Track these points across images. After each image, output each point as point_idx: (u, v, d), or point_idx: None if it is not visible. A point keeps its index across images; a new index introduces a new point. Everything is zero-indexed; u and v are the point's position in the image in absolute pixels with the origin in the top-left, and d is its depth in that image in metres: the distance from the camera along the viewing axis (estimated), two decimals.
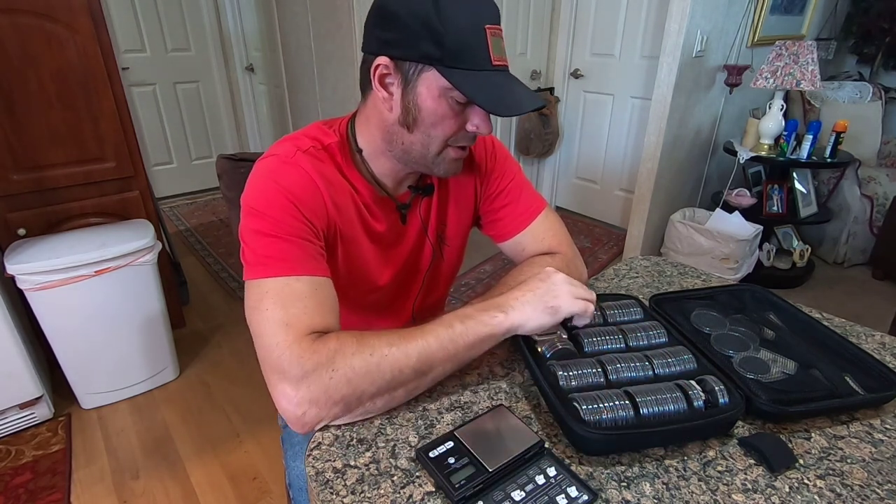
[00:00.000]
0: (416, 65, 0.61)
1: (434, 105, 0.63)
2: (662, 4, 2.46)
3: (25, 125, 1.56)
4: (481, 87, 0.60)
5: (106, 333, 1.61)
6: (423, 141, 0.66)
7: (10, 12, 1.47)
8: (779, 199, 2.46)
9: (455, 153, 0.69)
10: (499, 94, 0.61)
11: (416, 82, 0.62)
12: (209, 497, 1.40)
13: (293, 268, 0.61)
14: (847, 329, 0.79)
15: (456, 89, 0.60)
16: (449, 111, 0.64)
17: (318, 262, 0.64)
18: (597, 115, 3.04)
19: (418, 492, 0.51)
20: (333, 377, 0.55)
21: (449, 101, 0.63)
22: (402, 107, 0.65)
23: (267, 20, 3.16)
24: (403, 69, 0.62)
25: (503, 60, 0.62)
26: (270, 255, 0.61)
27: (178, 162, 3.61)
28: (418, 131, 0.66)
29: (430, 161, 0.69)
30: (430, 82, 0.62)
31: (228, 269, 2.64)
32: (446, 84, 0.60)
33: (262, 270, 0.61)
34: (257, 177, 0.66)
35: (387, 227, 0.77)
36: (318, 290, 0.62)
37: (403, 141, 0.67)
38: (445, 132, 0.65)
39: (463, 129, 0.66)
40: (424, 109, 0.64)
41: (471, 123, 0.66)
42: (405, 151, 0.68)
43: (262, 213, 0.63)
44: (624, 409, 0.55)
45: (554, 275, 0.66)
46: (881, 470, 0.54)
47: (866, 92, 2.74)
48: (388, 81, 0.64)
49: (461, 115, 0.65)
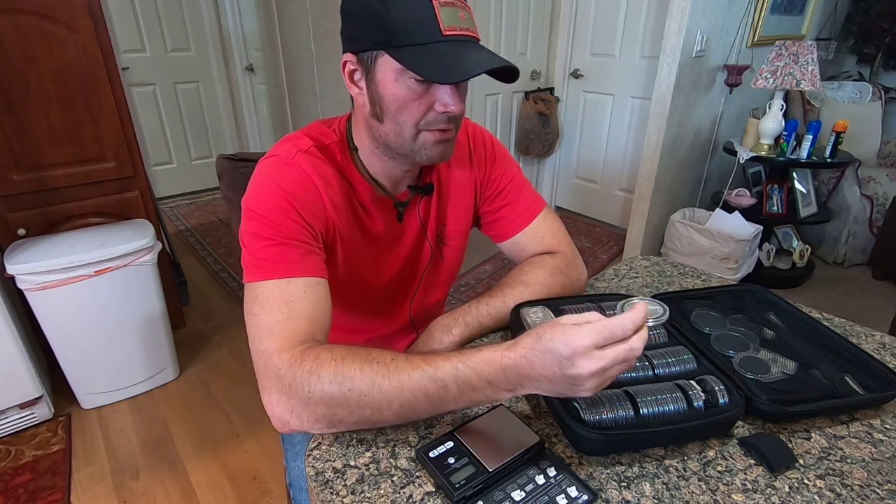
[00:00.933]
0: (371, 53, 0.61)
1: (394, 89, 0.62)
2: (662, 4, 2.46)
3: (25, 125, 1.56)
4: (426, 57, 0.58)
5: (106, 333, 1.61)
6: (395, 129, 0.65)
7: (10, 12, 1.47)
8: (779, 199, 2.46)
9: (434, 136, 0.65)
10: (447, 62, 0.58)
11: (374, 71, 0.62)
12: (209, 497, 1.40)
13: (287, 270, 0.61)
14: (847, 329, 0.79)
15: (401, 64, 0.59)
16: (410, 93, 0.61)
17: (313, 263, 0.64)
18: (597, 115, 3.04)
19: (418, 492, 0.51)
20: (311, 398, 0.53)
21: (407, 83, 0.61)
22: (369, 98, 0.65)
23: (267, 20, 3.16)
24: (364, 61, 0.63)
25: (460, 30, 0.59)
26: (267, 258, 0.62)
27: (178, 162, 3.61)
28: (388, 120, 0.64)
29: (410, 149, 0.66)
30: (386, 67, 0.61)
31: (228, 269, 2.64)
32: (398, 65, 0.59)
33: (257, 274, 0.61)
34: (259, 179, 0.66)
35: (385, 228, 0.76)
36: (309, 292, 0.61)
37: (380, 133, 0.67)
38: (413, 116, 0.63)
39: (431, 110, 0.63)
40: (386, 96, 0.63)
41: (438, 103, 0.63)
42: (385, 144, 0.68)
43: (260, 217, 0.63)
44: (624, 409, 0.55)
45: (581, 364, 0.46)
46: (881, 470, 0.54)
47: (866, 92, 2.74)
48: (356, 77, 0.65)
49: (425, 95, 0.62)
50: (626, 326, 0.46)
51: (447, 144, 0.67)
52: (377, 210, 0.75)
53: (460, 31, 0.59)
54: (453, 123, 0.66)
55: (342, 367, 0.53)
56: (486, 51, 0.61)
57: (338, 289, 0.72)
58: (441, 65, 0.57)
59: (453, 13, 0.58)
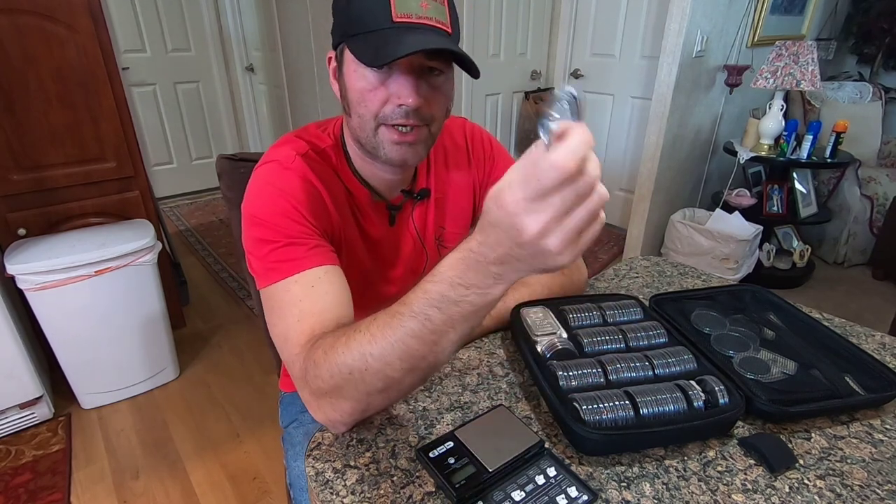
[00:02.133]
0: (340, 47, 0.62)
1: (354, 80, 0.61)
2: (662, 4, 2.46)
3: (25, 125, 1.56)
4: (368, 43, 0.56)
5: (106, 333, 1.61)
6: (359, 123, 0.63)
7: (10, 12, 1.47)
8: (779, 200, 2.46)
9: (390, 134, 0.62)
10: (382, 46, 0.55)
11: (343, 65, 0.63)
12: (209, 497, 1.40)
13: (295, 265, 0.60)
14: (847, 329, 0.79)
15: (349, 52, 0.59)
16: (366, 84, 0.60)
17: (321, 254, 0.62)
18: (597, 115, 3.04)
19: (418, 492, 0.51)
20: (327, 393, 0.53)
21: (364, 74, 0.60)
22: (341, 93, 0.65)
23: (267, 20, 3.16)
24: (338, 57, 0.64)
25: (418, 18, 0.56)
26: (276, 259, 0.61)
27: (178, 162, 3.61)
28: (353, 113, 0.63)
29: (372, 145, 0.64)
30: (349, 59, 0.61)
31: (228, 269, 2.64)
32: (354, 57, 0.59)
33: (268, 277, 0.61)
34: (258, 184, 0.65)
35: (383, 233, 0.76)
36: (318, 286, 0.60)
37: (352, 129, 0.66)
38: (370, 108, 0.61)
39: (388, 103, 0.61)
40: (350, 88, 0.62)
41: (394, 95, 0.60)
42: (356, 141, 0.67)
43: (263, 221, 0.62)
44: (624, 410, 0.55)
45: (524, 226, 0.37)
46: (881, 470, 0.54)
47: (866, 92, 2.74)
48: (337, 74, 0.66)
49: (381, 87, 0.60)
50: (558, 160, 0.34)
51: (407, 147, 0.63)
52: (374, 214, 0.74)
53: (417, 19, 0.56)
54: (414, 120, 0.61)
55: (331, 356, 0.52)
56: (432, 34, 0.57)
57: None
58: (377, 49, 0.55)
59: (409, 2, 0.56)
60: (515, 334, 0.70)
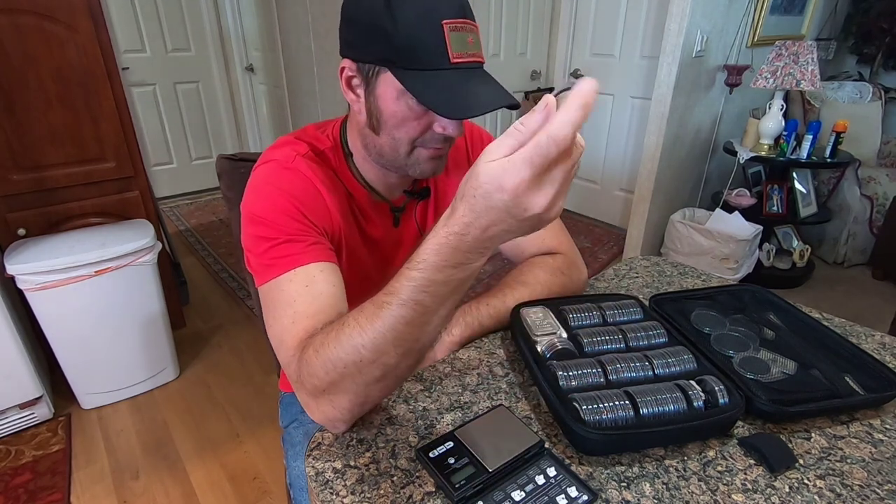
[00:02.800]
0: (374, 66, 0.59)
1: (394, 107, 0.61)
2: (662, 4, 2.46)
3: (25, 125, 1.56)
4: (435, 88, 0.56)
5: (106, 333, 1.61)
6: (391, 144, 0.64)
7: (10, 12, 1.47)
8: (779, 199, 2.46)
9: (428, 153, 0.65)
10: (454, 95, 0.56)
11: (375, 84, 0.61)
12: (209, 497, 1.40)
13: (292, 261, 0.61)
14: (847, 329, 0.79)
15: (408, 91, 0.57)
16: (409, 113, 0.61)
17: (318, 251, 0.63)
18: (597, 115, 3.04)
19: (418, 492, 0.51)
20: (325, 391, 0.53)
21: (408, 103, 0.60)
22: (366, 109, 0.64)
23: (267, 20, 3.16)
24: (364, 71, 0.61)
25: (468, 56, 0.58)
26: (273, 256, 0.62)
27: (178, 162, 3.61)
28: (384, 133, 0.64)
29: (403, 163, 0.66)
30: (388, 84, 0.59)
31: (228, 269, 2.64)
32: (401, 86, 0.58)
33: (265, 273, 0.62)
34: (257, 183, 0.65)
35: (383, 233, 0.76)
36: (312, 285, 0.60)
37: (375, 144, 0.66)
38: (410, 134, 0.63)
39: (430, 129, 0.63)
40: (385, 112, 0.62)
41: (437, 125, 0.62)
42: (379, 154, 0.67)
43: (261, 219, 0.63)
44: (624, 410, 0.55)
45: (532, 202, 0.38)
46: (881, 470, 0.54)
47: (866, 92, 2.74)
48: (354, 84, 0.63)
49: (424, 115, 0.61)
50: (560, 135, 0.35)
51: (440, 161, 0.67)
52: (375, 215, 0.75)
53: (467, 58, 0.58)
54: (448, 142, 0.65)
55: (323, 353, 0.52)
56: (492, 83, 0.60)
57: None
58: (448, 98, 0.56)
59: (462, 39, 0.57)
60: (515, 334, 0.70)
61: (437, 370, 0.69)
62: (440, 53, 0.56)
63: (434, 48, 0.56)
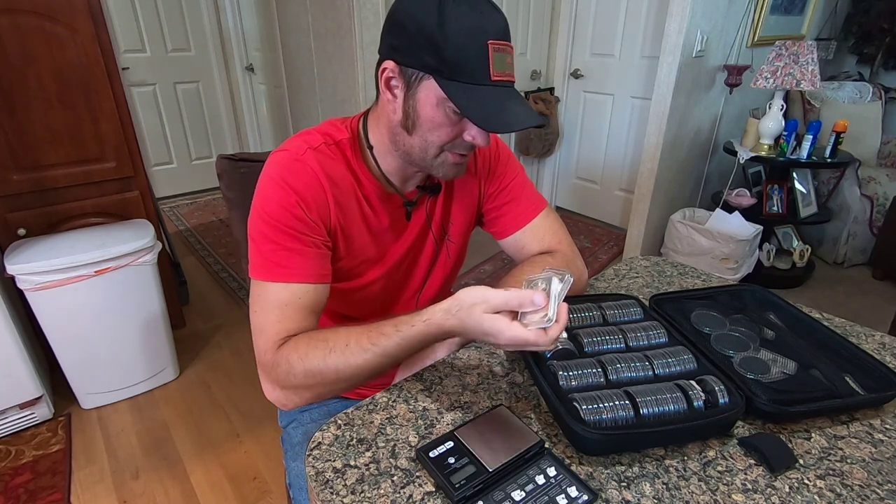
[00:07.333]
0: (418, 72, 0.63)
1: (432, 112, 0.65)
2: (662, 4, 2.46)
3: (25, 125, 1.56)
4: (476, 101, 0.61)
5: (106, 333, 1.61)
6: (422, 145, 0.68)
7: (10, 12, 1.47)
8: (779, 199, 2.46)
9: (454, 158, 0.70)
10: (492, 110, 0.61)
11: (416, 88, 0.64)
12: (209, 497, 1.40)
13: (289, 275, 0.67)
14: (847, 329, 0.79)
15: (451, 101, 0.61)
16: (446, 119, 0.65)
17: (315, 267, 0.69)
18: (597, 115, 3.04)
19: (418, 492, 0.51)
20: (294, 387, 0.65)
21: (446, 111, 0.64)
22: (403, 110, 0.67)
23: (267, 20, 3.15)
24: (407, 74, 0.64)
25: (506, 76, 0.63)
26: (274, 260, 0.67)
27: (178, 162, 3.61)
28: (417, 135, 0.68)
29: (429, 164, 0.70)
30: (430, 90, 0.63)
31: (228, 269, 2.64)
32: (443, 94, 0.62)
33: (262, 273, 0.68)
34: (269, 173, 0.70)
35: (389, 223, 0.78)
36: (304, 298, 0.68)
37: (405, 143, 0.70)
38: (442, 139, 0.67)
39: (460, 137, 0.67)
40: (423, 115, 0.65)
41: (468, 133, 0.67)
42: (406, 153, 0.71)
43: (269, 217, 0.67)
44: (624, 409, 0.55)
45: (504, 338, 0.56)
46: (881, 470, 0.54)
47: (866, 92, 2.74)
48: (392, 84, 0.66)
49: (458, 124, 0.66)
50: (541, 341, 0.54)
51: (462, 166, 0.73)
52: (383, 206, 0.77)
53: (505, 77, 0.63)
54: (473, 150, 0.72)
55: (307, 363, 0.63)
56: (523, 103, 0.66)
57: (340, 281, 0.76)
58: (487, 112, 0.61)
59: (503, 59, 0.62)
60: None
61: (437, 370, 0.69)
62: (483, 70, 0.61)
63: (478, 64, 0.60)
